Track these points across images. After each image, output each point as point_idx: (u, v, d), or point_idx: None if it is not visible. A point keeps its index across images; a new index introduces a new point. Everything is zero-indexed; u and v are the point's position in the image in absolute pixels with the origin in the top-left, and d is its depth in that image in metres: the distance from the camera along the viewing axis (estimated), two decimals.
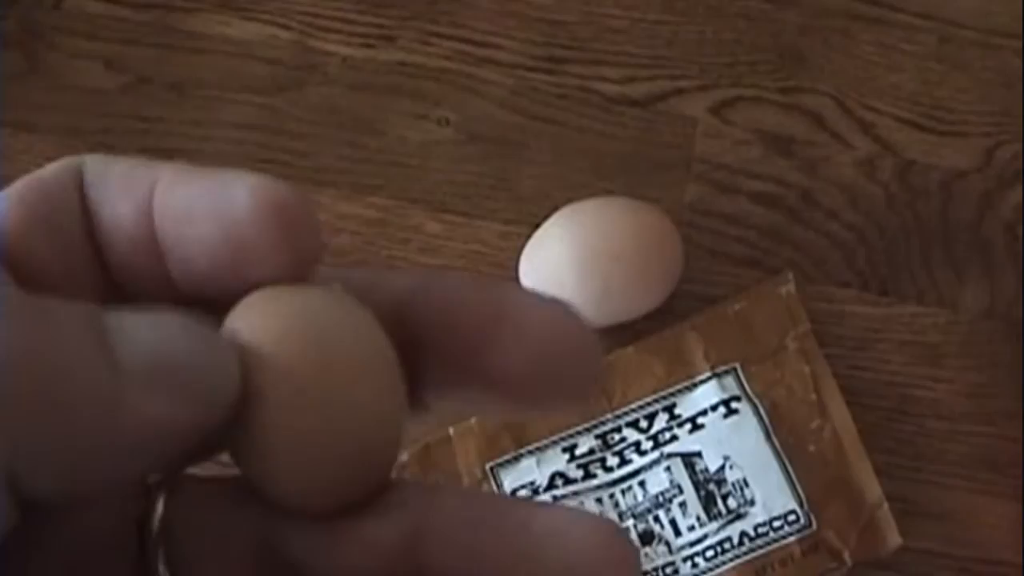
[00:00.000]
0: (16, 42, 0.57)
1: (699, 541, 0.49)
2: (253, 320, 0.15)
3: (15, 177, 0.53)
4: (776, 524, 0.49)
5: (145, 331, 0.14)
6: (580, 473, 0.50)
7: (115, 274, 0.17)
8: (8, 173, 0.54)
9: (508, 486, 0.50)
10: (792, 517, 0.49)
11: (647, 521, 0.49)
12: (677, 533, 0.49)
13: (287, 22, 0.57)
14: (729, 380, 0.51)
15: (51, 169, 0.17)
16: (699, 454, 0.50)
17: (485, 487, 0.50)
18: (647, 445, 0.50)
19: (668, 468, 0.50)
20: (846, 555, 0.49)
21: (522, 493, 0.50)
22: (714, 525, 0.49)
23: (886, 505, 0.50)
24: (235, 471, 0.16)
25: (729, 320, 0.52)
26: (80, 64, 0.57)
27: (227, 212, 0.16)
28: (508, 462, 0.50)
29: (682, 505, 0.49)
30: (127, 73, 0.57)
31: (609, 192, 0.54)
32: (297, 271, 0.16)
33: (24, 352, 0.13)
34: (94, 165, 0.17)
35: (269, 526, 0.16)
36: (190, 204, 0.16)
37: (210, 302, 0.16)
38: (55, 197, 0.17)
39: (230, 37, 0.57)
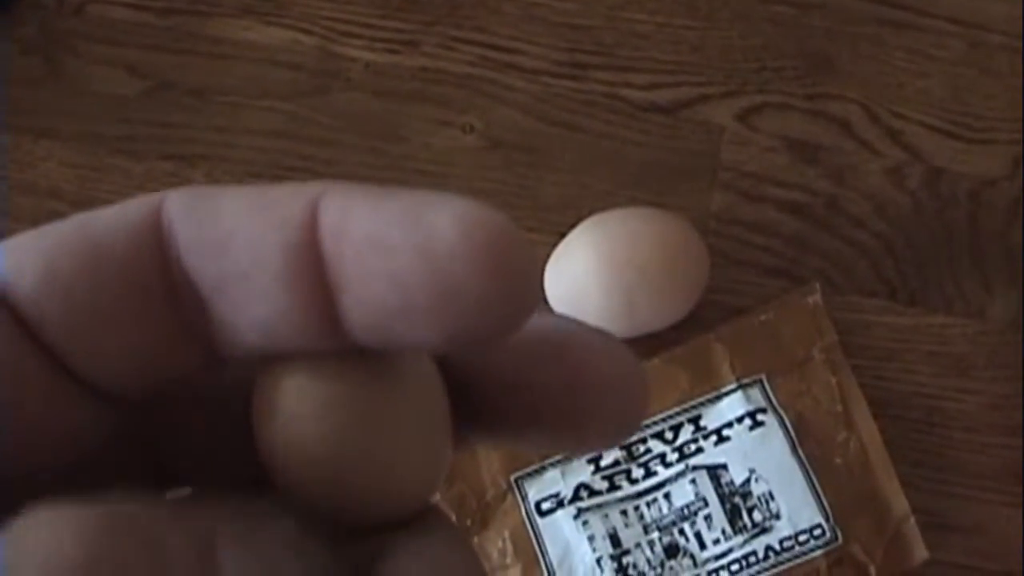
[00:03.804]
0: (37, 48, 0.57)
1: (724, 555, 0.49)
2: (300, 390, 0.14)
3: (39, 185, 0.53)
4: (802, 538, 0.49)
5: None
6: (605, 485, 0.50)
7: (220, 326, 0.14)
8: (30, 179, 0.54)
9: (533, 497, 0.50)
10: (818, 531, 0.49)
11: (672, 534, 0.49)
12: (702, 546, 0.49)
13: (310, 27, 0.57)
14: (755, 391, 0.51)
15: (111, 211, 0.14)
16: (724, 466, 0.50)
17: (509, 499, 0.50)
18: (672, 457, 0.50)
19: (693, 480, 0.50)
20: (872, 569, 0.49)
21: (546, 504, 0.50)
22: (739, 539, 0.49)
23: (912, 519, 0.49)
24: None
25: (755, 331, 0.52)
26: (102, 70, 0.56)
27: (430, 245, 0.13)
28: (533, 473, 0.50)
29: (707, 518, 0.49)
30: (149, 79, 0.56)
31: (633, 200, 0.54)
32: (506, 323, 0.13)
33: None
34: (183, 196, 0.14)
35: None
36: (381, 230, 0.13)
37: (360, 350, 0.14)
38: (98, 250, 0.14)
39: (253, 43, 0.57)
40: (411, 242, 0.13)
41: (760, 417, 0.50)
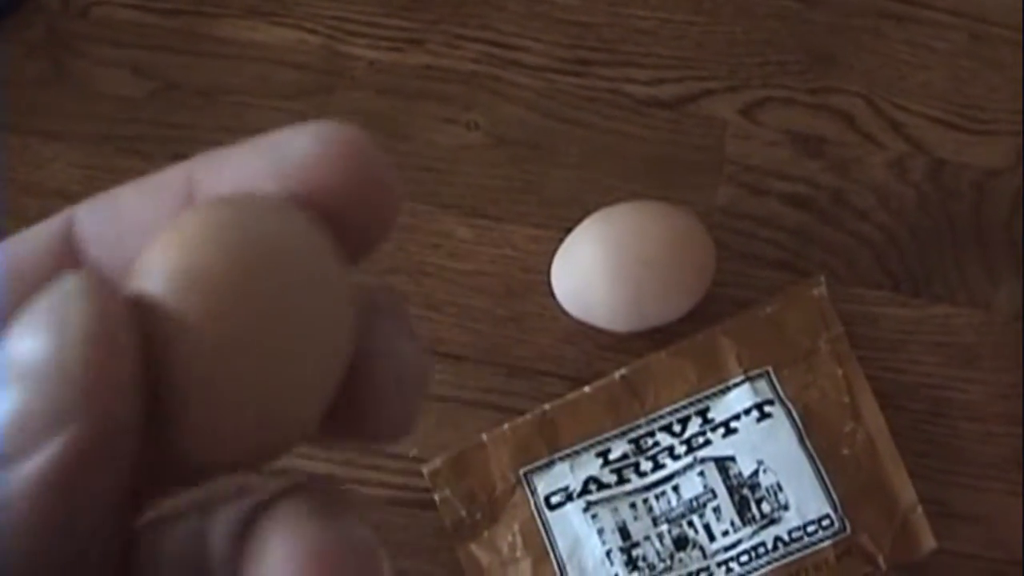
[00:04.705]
0: (44, 50, 0.57)
1: (733, 546, 0.49)
2: (179, 243, 0.13)
3: (46, 186, 0.53)
4: (810, 529, 0.49)
5: None
6: (614, 478, 0.50)
7: None
8: (37, 180, 0.55)
9: (542, 491, 0.50)
10: (826, 521, 0.49)
11: (681, 526, 0.49)
12: (711, 538, 0.49)
13: (315, 27, 0.57)
14: (762, 384, 0.51)
15: (32, 229, 0.16)
16: (733, 458, 0.50)
17: (519, 493, 0.50)
18: (680, 450, 0.50)
19: (702, 473, 0.50)
20: (880, 559, 0.49)
21: (556, 498, 0.50)
22: (748, 530, 0.49)
23: (920, 508, 0.50)
24: None
25: (761, 323, 0.52)
26: (108, 72, 0.57)
27: (288, 161, 0.14)
28: (542, 467, 0.50)
29: (716, 510, 0.49)
30: (155, 80, 0.57)
31: (638, 194, 0.54)
32: (371, 209, 0.14)
33: None
34: (89, 202, 0.16)
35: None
36: (243, 174, 0.15)
37: None
38: (16, 263, 0.15)
39: (258, 42, 0.57)
40: (273, 168, 0.14)
41: (767, 409, 0.51)
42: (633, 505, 0.50)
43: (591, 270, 0.50)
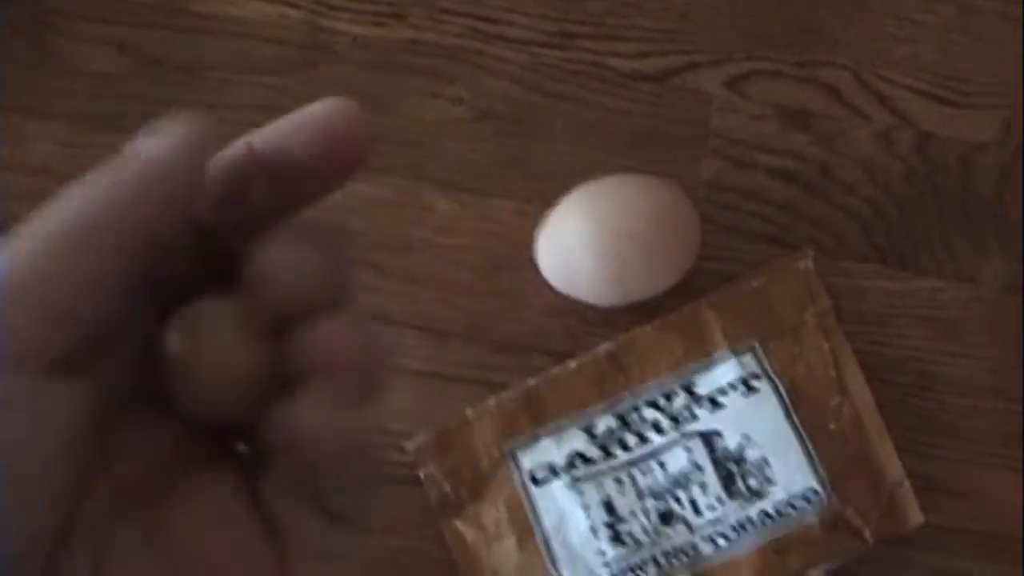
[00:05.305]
0: (25, 28, 0.56)
1: (719, 521, 0.49)
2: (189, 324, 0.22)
3: (30, 163, 0.52)
4: (797, 503, 0.49)
5: None
6: (599, 452, 0.50)
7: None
8: (21, 160, 0.54)
9: (527, 466, 0.50)
10: (813, 496, 0.49)
11: (667, 501, 0.49)
12: (697, 513, 0.49)
13: (296, 1, 0.56)
14: (748, 358, 0.51)
15: None
16: (719, 433, 0.50)
17: (504, 468, 0.50)
18: (666, 424, 0.50)
19: (688, 447, 0.50)
20: (867, 533, 0.49)
21: (541, 474, 0.50)
22: (734, 504, 0.49)
23: (907, 483, 0.50)
24: None
25: (747, 297, 0.52)
26: (89, 48, 0.56)
27: (311, 115, 0.23)
28: (526, 442, 0.50)
29: (702, 484, 0.49)
30: (136, 56, 0.56)
31: (624, 168, 0.53)
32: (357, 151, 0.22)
33: None
34: None
35: None
36: (288, 124, 0.23)
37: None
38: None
39: (239, 18, 0.56)
40: (291, 127, 0.23)
41: (754, 383, 0.50)
42: (618, 480, 0.49)
43: (576, 244, 0.50)
